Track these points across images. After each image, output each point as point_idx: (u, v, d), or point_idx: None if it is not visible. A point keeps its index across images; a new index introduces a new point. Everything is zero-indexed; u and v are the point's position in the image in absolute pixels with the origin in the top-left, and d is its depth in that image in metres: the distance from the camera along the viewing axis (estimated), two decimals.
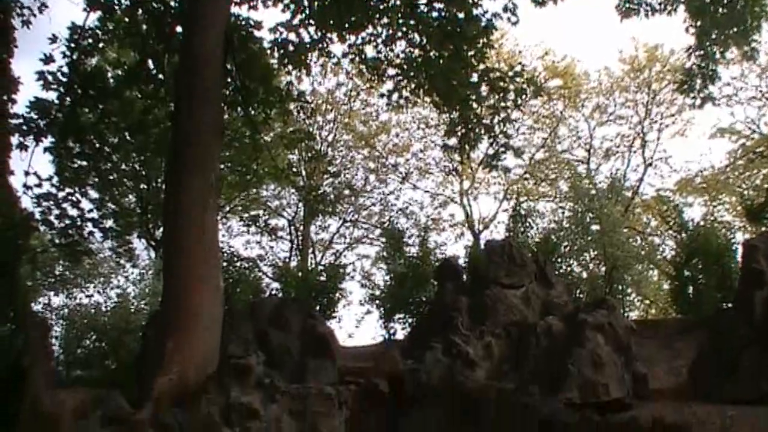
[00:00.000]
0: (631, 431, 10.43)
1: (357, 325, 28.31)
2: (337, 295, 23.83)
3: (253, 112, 19.77)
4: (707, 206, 31.46)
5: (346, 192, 34.54)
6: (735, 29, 19.08)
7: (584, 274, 25.26)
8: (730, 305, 18.75)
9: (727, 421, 13.08)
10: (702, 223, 23.61)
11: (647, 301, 30.46)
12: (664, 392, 15.72)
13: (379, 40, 19.35)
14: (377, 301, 24.42)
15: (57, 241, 20.56)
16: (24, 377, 14.55)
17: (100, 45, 19.83)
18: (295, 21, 19.00)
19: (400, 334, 22.66)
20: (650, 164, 33.44)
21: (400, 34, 19.12)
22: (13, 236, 16.87)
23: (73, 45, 18.73)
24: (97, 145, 21.03)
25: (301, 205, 33.03)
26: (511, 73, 18.91)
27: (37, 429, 13.55)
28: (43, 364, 15.12)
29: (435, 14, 18.38)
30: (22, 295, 17.22)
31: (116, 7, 18.91)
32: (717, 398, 14.28)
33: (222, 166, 21.42)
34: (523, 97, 19.08)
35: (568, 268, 24.76)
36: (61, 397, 15.37)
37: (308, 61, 19.85)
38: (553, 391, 14.21)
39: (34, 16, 19.59)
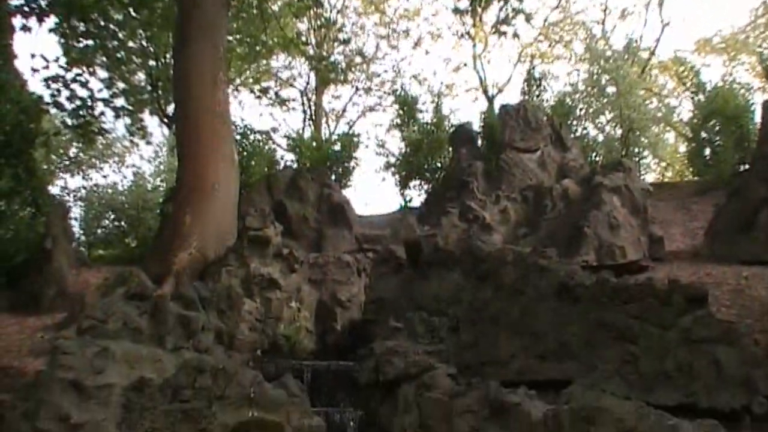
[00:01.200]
0: (647, 293, 10.46)
1: (373, 193, 28.40)
2: (352, 163, 23.64)
3: None
4: (726, 67, 30.87)
5: (357, 59, 33.95)
6: None
7: (600, 137, 25.10)
8: (747, 166, 18.60)
9: (743, 281, 13.18)
10: (720, 83, 23.18)
11: (663, 164, 30.32)
12: (680, 254, 15.83)
13: None
14: (392, 169, 24.40)
15: (69, 122, 20.44)
16: (47, 259, 14.77)
17: None
18: None
19: (416, 201, 22.75)
20: (668, 24, 32.50)
21: None
22: (25, 120, 16.75)
23: None
24: (102, 23, 20.58)
25: (312, 74, 32.55)
26: None
27: (62, 308, 13.86)
28: (64, 245, 15.33)
29: None
30: (38, 179, 17.25)
31: None
32: (733, 259, 14.35)
33: (230, 38, 20.99)
34: None
35: (584, 131, 24.58)
36: (84, 276, 15.68)
37: None
38: (569, 254, 14.31)
39: None
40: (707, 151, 22.35)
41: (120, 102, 21.90)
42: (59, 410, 8.19)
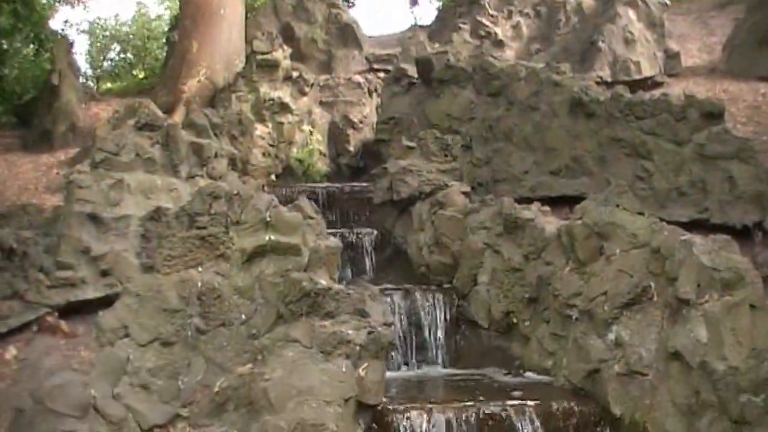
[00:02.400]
0: (662, 108, 10.30)
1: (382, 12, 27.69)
2: None
3: None
4: None
5: None
6: None
7: None
8: None
9: (760, 97, 12.96)
10: None
11: None
12: (696, 69, 15.48)
13: None
14: None
15: None
16: (55, 95, 14.63)
17: None
18: None
19: (427, 19, 22.19)
20: None
21: None
22: None
23: None
24: None
25: None
26: None
27: (74, 143, 13.86)
28: (71, 80, 15.13)
29: None
30: (38, 13, 16.79)
31: None
32: (751, 75, 14.03)
33: None
34: None
35: None
36: (94, 110, 15.58)
37: None
38: (583, 70, 14.03)
39: None
40: None
41: None
42: (79, 243, 8.35)
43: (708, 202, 9.81)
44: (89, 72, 23.15)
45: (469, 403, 6.42)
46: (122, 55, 23.62)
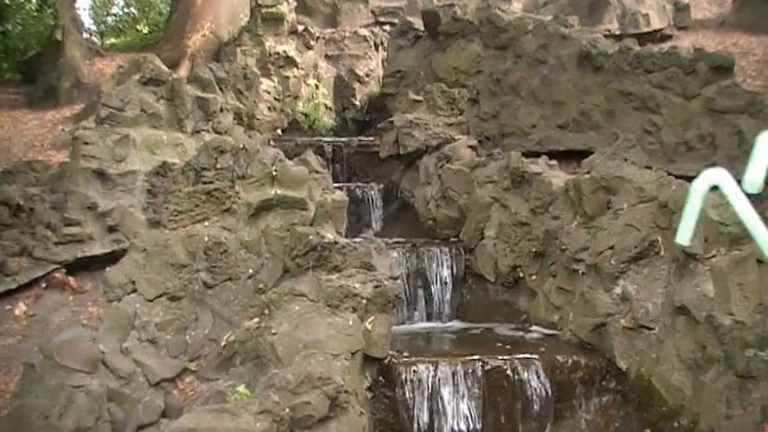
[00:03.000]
0: (671, 61, 10.19)
1: None
2: None
3: None
4: None
5: None
6: None
7: None
8: None
9: None
10: None
11: None
12: (706, 22, 15.28)
13: None
14: None
15: None
16: (59, 51, 14.54)
17: None
18: None
19: None
20: None
21: None
22: None
23: None
24: None
25: None
26: None
27: (79, 99, 13.81)
28: (75, 36, 15.03)
29: None
30: None
31: None
32: (761, 28, 13.83)
33: None
34: None
35: None
36: (99, 66, 15.50)
37: None
38: (591, 22, 13.88)
39: None
40: None
41: None
42: (86, 200, 8.35)
43: (716, 157, 9.74)
44: (93, 27, 22.98)
45: (476, 357, 6.45)
46: (126, 10, 23.41)
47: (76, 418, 5.65)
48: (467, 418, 6.25)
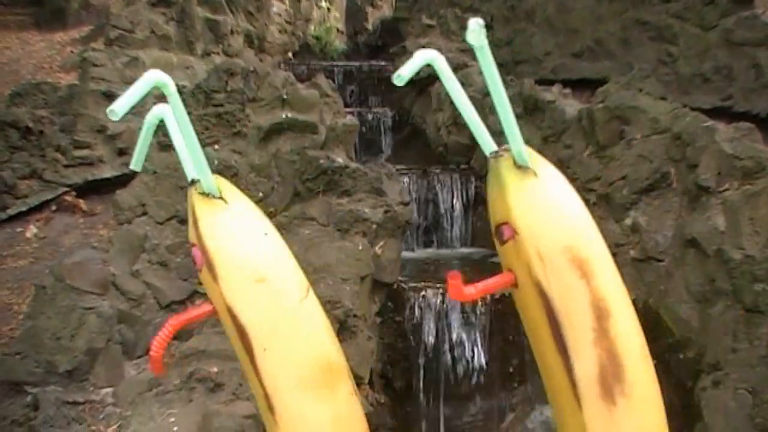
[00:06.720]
0: None
1: None
2: None
3: None
4: None
5: None
6: None
7: None
8: None
9: None
10: None
11: None
12: None
13: None
14: None
15: None
16: None
17: None
18: None
19: None
20: None
21: None
22: None
23: None
24: None
25: None
26: None
27: (88, 21, 13.61)
28: None
29: None
30: None
31: None
32: None
33: None
34: None
35: None
36: None
37: None
38: None
39: None
40: None
41: None
42: (95, 122, 8.30)
43: (732, 90, 9.58)
44: None
45: None
46: None
47: (88, 339, 5.71)
48: (474, 343, 6.32)
